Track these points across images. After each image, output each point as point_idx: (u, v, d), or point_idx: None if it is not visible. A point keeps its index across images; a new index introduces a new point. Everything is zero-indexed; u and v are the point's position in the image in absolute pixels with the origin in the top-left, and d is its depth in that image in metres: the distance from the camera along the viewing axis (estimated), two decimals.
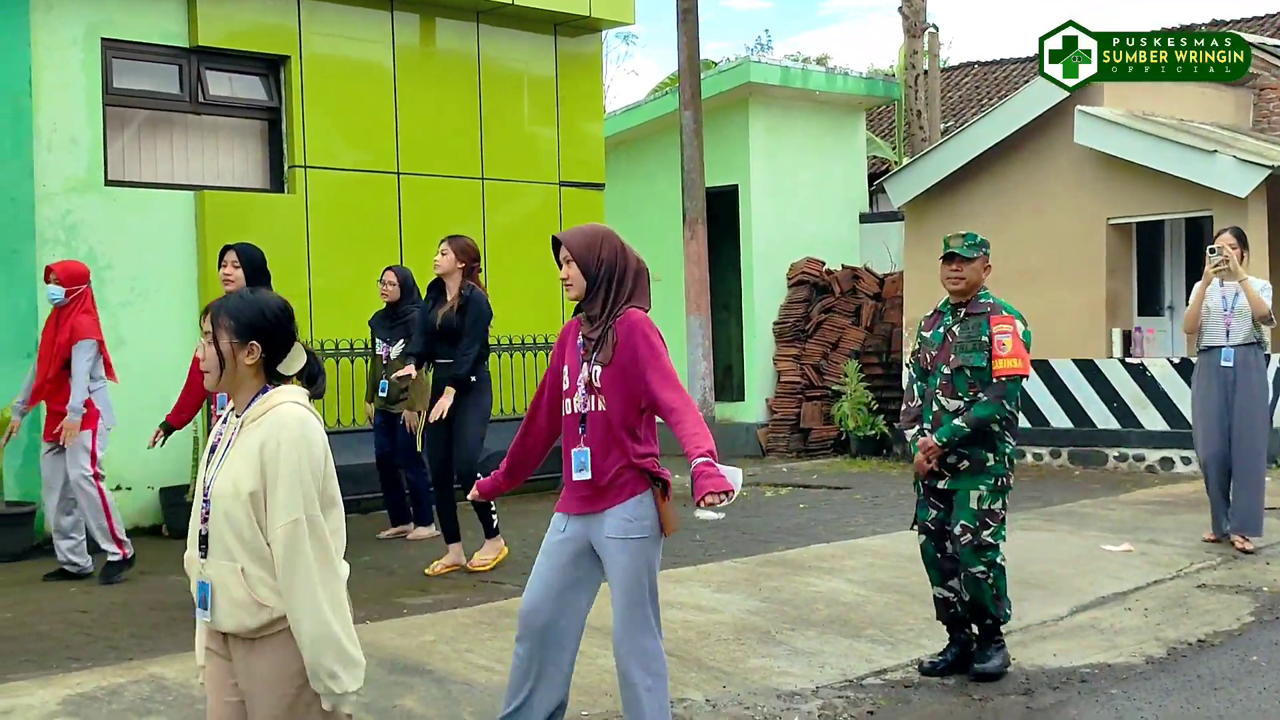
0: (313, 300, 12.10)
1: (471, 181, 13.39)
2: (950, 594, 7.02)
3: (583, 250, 5.25)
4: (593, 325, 5.28)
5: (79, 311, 9.07)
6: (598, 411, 5.22)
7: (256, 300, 3.93)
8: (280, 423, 3.78)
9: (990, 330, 6.82)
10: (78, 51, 11.04)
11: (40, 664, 6.74)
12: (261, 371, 3.90)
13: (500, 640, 7.17)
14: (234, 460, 3.81)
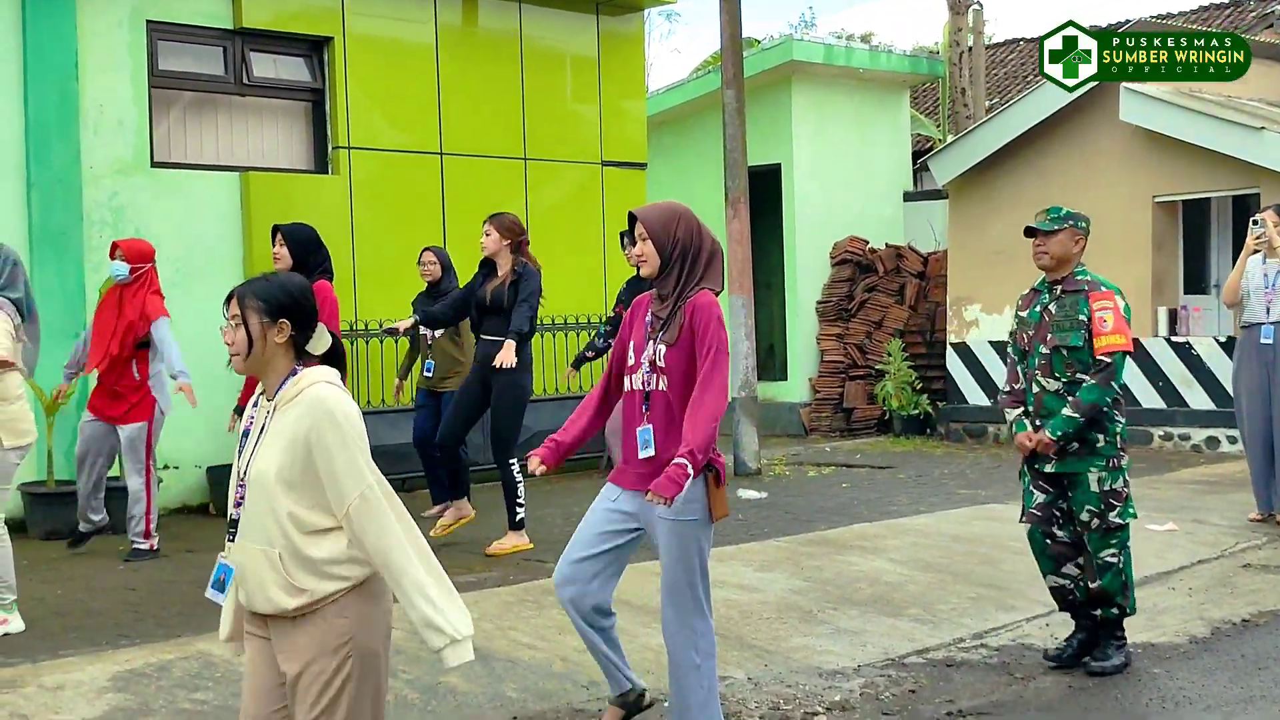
0: (357, 280, 12.17)
1: (514, 161, 13.42)
2: (1065, 581, 6.81)
3: (659, 228, 5.27)
4: (663, 304, 5.32)
5: (149, 292, 9.13)
6: (660, 391, 5.26)
7: (280, 281, 3.98)
8: (319, 404, 3.81)
9: (1090, 308, 6.65)
10: (123, 34, 11.13)
11: (91, 641, 6.83)
12: (291, 351, 3.94)
13: (543, 618, 7.23)
14: (270, 444, 3.84)
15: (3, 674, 6.10)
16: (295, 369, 3.93)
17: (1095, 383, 6.58)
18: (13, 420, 7.07)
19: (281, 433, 3.83)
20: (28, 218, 10.54)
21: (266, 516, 3.82)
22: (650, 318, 5.34)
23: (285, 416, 3.85)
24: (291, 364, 3.94)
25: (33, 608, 7.50)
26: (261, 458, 3.86)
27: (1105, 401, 6.62)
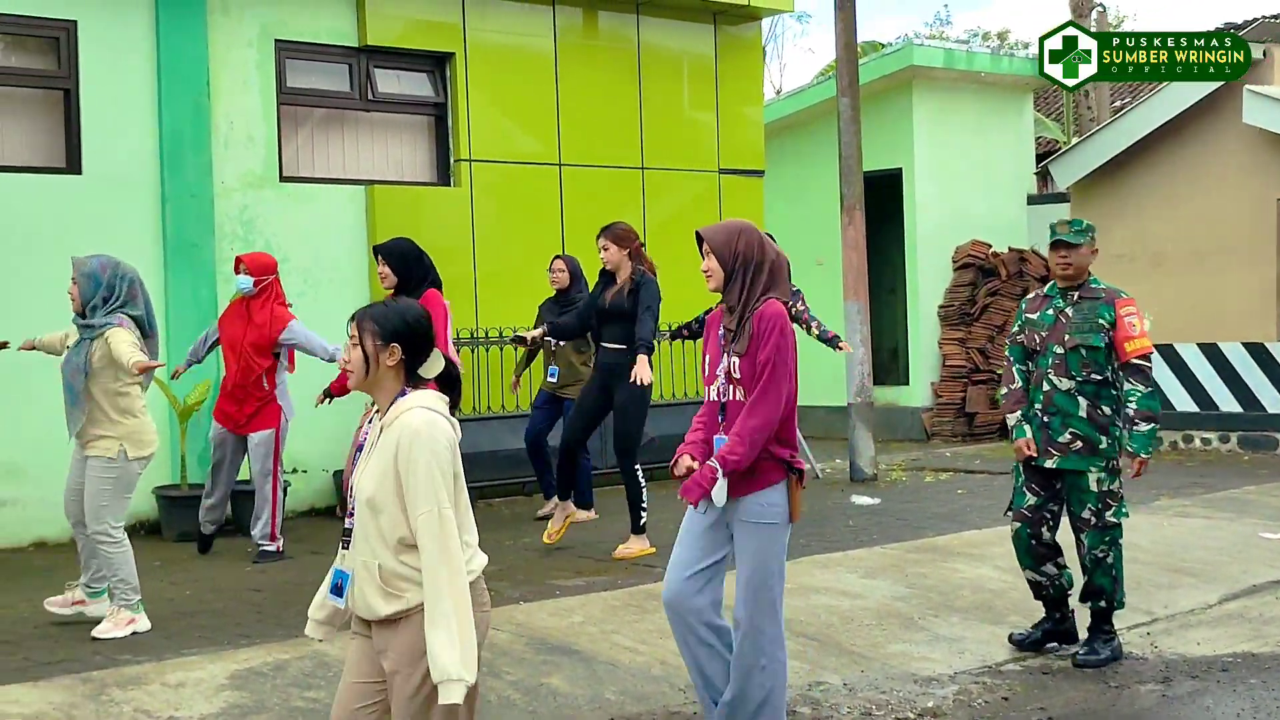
0: (478, 289, 12.47)
1: (631, 171, 13.64)
2: (1043, 579, 7.22)
3: (721, 244, 5.50)
4: (731, 316, 5.51)
5: (275, 303, 9.49)
6: (736, 401, 5.44)
7: (398, 308, 4.23)
8: (409, 426, 4.06)
9: (1117, 313, 7.02)
10: (253, 52, 11.54)
11: (213, 639, 7.15)
12: (401, 374, 4.18)
13: (646, 623, 7.41)
14: (373, 462, 4.12)
15: (130, 671, 6.43)
16: (404, 391, 4.18)
17: (1147, 390, 6.95)
18: (137, 433, 7.41)
19: (382, 452, 4.10)
20: (162, 231, 10.97)
21: (369, 529, 4.11)
22: (723, 330, 5.55)
23: (387, 437, 4.11)
24: (400, 386, 4.19)
25: (161, 608, 7.86)
26: (365, 474, 4.13)
27: (1158, 405, 7.05)
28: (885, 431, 17.00)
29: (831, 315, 14.72)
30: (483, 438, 11.89)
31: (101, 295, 7.37)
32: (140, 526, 10.69)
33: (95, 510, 7.33)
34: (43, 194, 10.51)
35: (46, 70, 10.73)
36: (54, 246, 10.04)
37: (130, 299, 7.44)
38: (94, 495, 7.34)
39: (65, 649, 7.03)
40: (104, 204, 10.72)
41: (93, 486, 7.34)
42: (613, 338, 9.25)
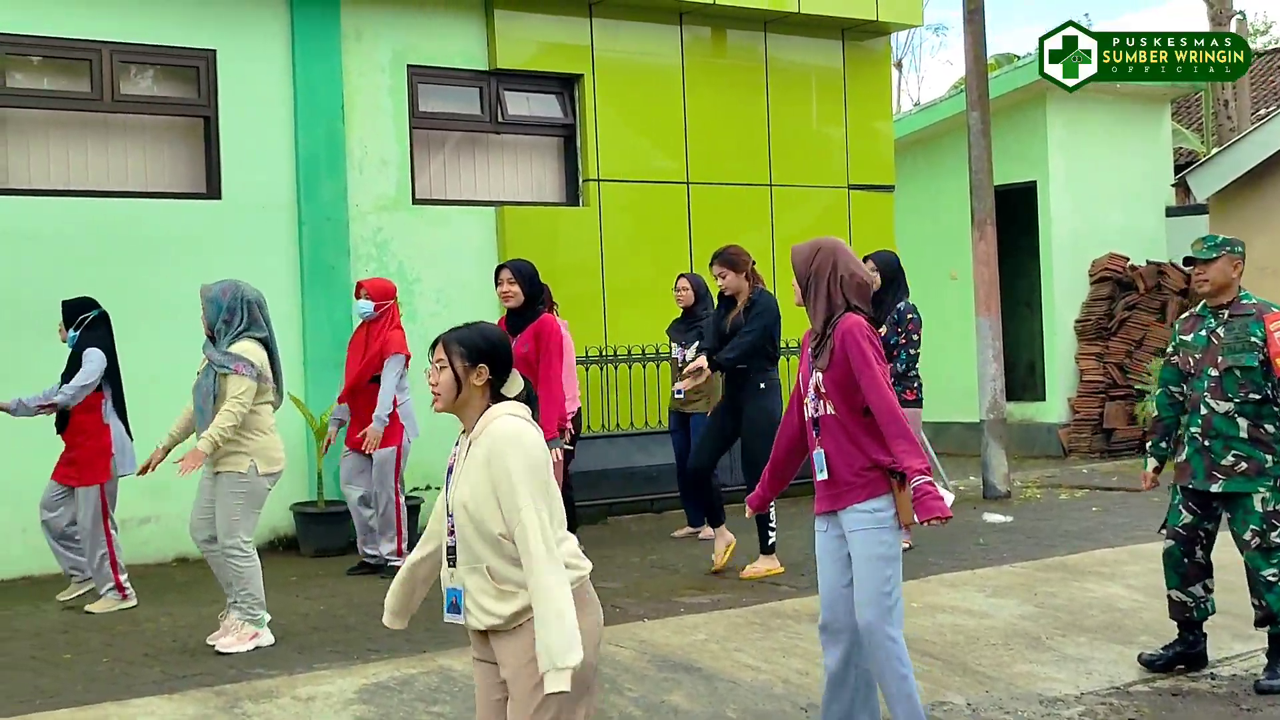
0: (606, 307, 12.59)
1: (759, 188, 13.67)
2: (1188, 598, 7.08)
3: (800, 262, 5.63)
4: (815, 333, 5.56)
5: (390, 327, 9.73)
6: (828, 415, 5.53)
7: (481, 329, 4.37)
8: (500, 433, 4.20)
9: (1266, 329, 6.84)
10: (385, 77, 11.78)
11: (343, 654, 7.30)
12: (488, 393, 4.31)
13: (770, 641, 7.42)
14: (466, 475, 4.23)
15: (262, 685, 6.60)
16: (489, 407, 4.30)
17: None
18: (266, 449, 7.61)
19: (474, 464, 4.23)
20: (299, 254, 11.24)
21: (473, 540, 4.23)
22: (811, 347, 5.60)
23: (477, 448, 4.24)
24: (486, 404, 4.32)
25: (296, 622, 8.05)
26: (460, 488, 4.25)
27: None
28: (1021, 447, 16.80)
29: (964, 330, 14.62)
30: (611, 455, 12.00)
31: (224, 319, 7.58)
32: (278, 542, 10.96)
33: (228, 525, 7.54)
34: (185, 219, 10.83)
35: (187, 98, 11.06)
36: (195, 270, 10.31)
37: (253, 322, 7.64)
38: (226, 510, 7.54)
39: (201, 662, 7.23)
40: (243, 228, 11.02)
41: (225, 502, 7.55)
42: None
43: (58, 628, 8.27)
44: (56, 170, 10.66)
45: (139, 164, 10.98)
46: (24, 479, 9.76)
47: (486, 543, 4.18)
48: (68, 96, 10.63)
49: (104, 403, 8.70)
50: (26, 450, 9.76)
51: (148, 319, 10.29)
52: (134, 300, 10.31)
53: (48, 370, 8.93)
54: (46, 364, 9.03)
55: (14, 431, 9.79)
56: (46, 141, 10.63)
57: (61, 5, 10.43)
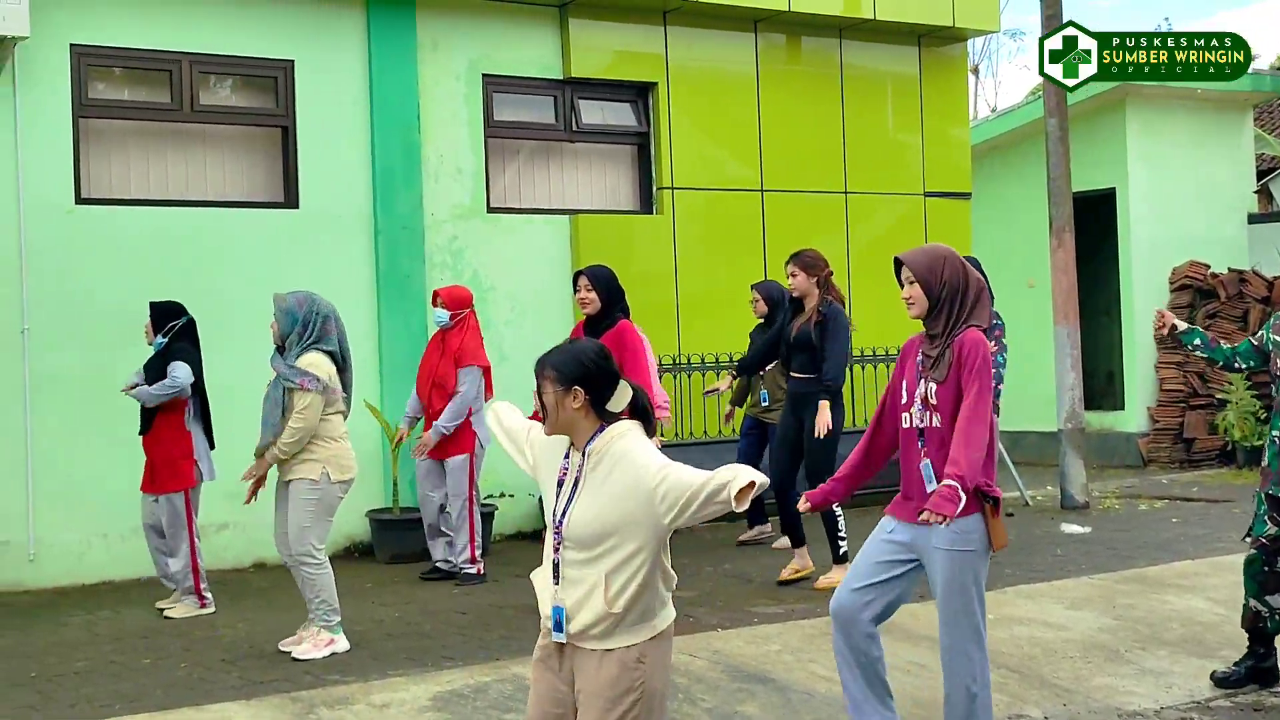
0: (680, 315, 12.58)
1: (834, 195, 13.61)
2: (1263, 608, 6.96)
3: (926, 271, 5.47)
4: (932, 343, 5.49)
5: (466, 336, 9.77)
6: (934, 427, 5.43)
7: (573, 351, 4.32)
8: (623, 451, 4.19)
9: None
10: (461, 87, 11.85)
11: (418, 661, 7.33)
12: (591, 412, 4.26)
13: None
14: (594, 499, 4.19)
15: (337, 691, 6.64)
16: (602, 426, 4.27)
17: None
18: (338, 457, 7.67)
19: (601, 489, 4.19)
20: (375, 263, 11.31)
21: (584, 559, 4.21)
22: (921, 357, 5.52)
23: (595, 470, 4.22)
24: (596, 422, 4.28)
25: (370, 629, 8.10)
26: (582, 506, 4.22)
27: None
28: (1100, 457, 16.61)
29: (1042, 338, 14.48)
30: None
31: (297, 331, 7.65)
32: (354, 549, 11.03)
33: (298, 532, 7.59)
34: (262, 228, 10.94)
35: (266, 108, 11.16)
36: (273, 279, 10.41)
37: (324, 334, 7.70)
38: (297, 517, 7.60)
39: (279, 668, 7.29)
40: (320, 237, 11.11)
41: (296, 509, 7.61)
42: (800, 367, 9.26)
43: (137, 633, 8.37)
44: (137, 180, 10.80)
45: (218, 173, 11.10)
46: (104, 486, 9.91)
47: (599, 562, 4.17)
48: (148, 107, 10.77)
49: (186, 410, 8.80)
50: (106, 457, 9.90)
51: (225, 327, 10.39)
52: (212, 308, 10.41)
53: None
54: (128, 370, 9.14)
55: (93, 438, 9.94)
56: (127, 151, 10.77)
57: (142, 17, 10.56)
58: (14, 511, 9.85)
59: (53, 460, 10.03)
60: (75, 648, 7.96)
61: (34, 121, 10.12)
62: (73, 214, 10.24)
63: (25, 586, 9.90)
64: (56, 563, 10.06)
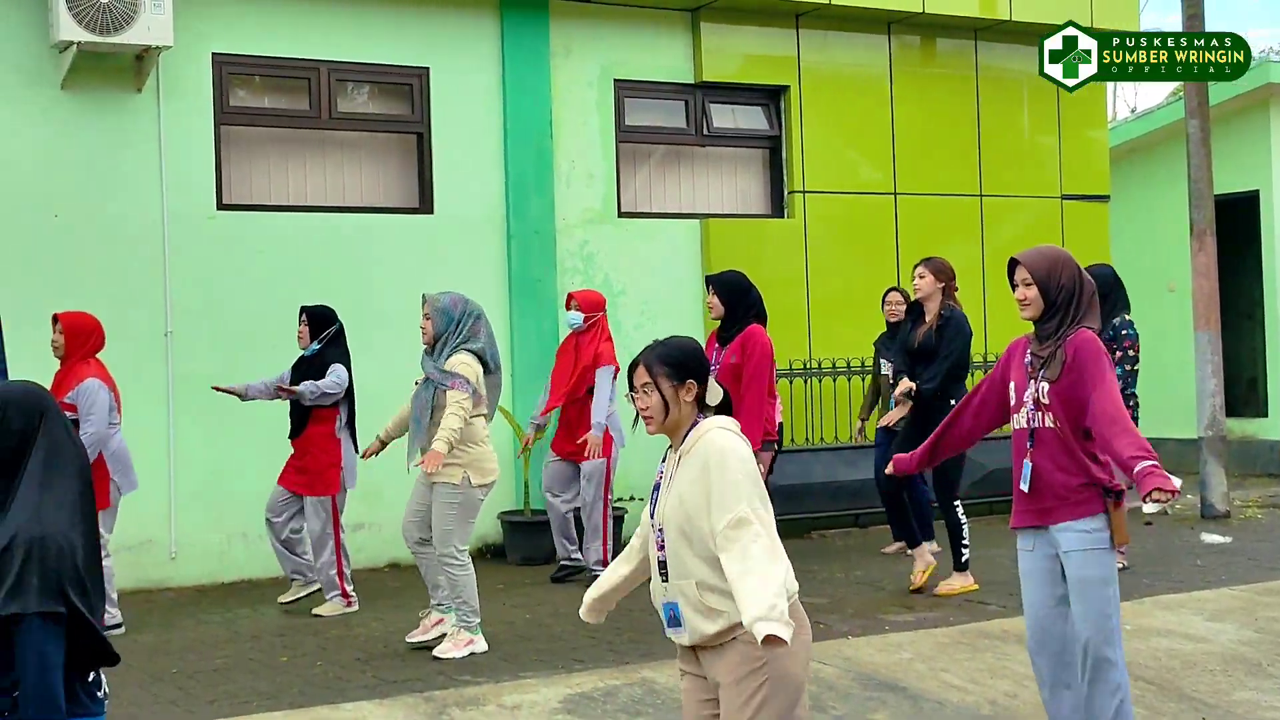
0: (811, 320, 12.52)
1: (969, 199, 13.46)
2: None
3: (1044, 274, 5.42)
4: (1043, 344, 5.46)
5: (601, 339, 9.84)
6: (1046, 428, 5.40)
7: (678, 344, 4.35)
8: (714, 444, 4.17)
9: None
10: (592, 92, 11.91)
11: (548, 663, 7.38)
12: (695, 406, 4.29)
13: (977, 661, 7.29)
14: (678, 487, 4.21)
15: (469, 692, 6.71)
16: (697, 421, 4.28)
17: None
18: (479, 461, 7.74)
19: (684, 477, 4.21)
20: (507, 267, 11.41)
21: (683, 555, 4.21)
22: (1030, 358, 5.48)
23: (688, 462, 4.22)
24: (695, 417, 4.30)
25: (502, 630, 8.17)
26: (670, 503, 4.24)
27: None
28: (1242, 465, 16.20)
29: (1182, 343, 14.18)
30: (815, 469, 11.93)
31: (451, 330, 7.75)
32: (486, 550, 11.13)
33: (442, 534, 7.68)
34: (398, 233, 11.09)
35: (401, 115, 11.32)
36: (408, 284, 10.57)
37: (473, 335, 7.79)
38: (441, 520, 7.69)
39: (412, 668, 7.38)
40: (454, 242, 11.24)
41: (440, 512, 7.69)
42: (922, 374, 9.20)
43: (275, 630, 8.53)
44: (276, 186, 11.00)
45: (354, 179, 11.28)
46: (243, 486, 10.10)
47: (698, 558, 4.16)
48: (287, 114, 10.98)
49: (338, 418, 8.95)
50: (245, 458, 10.10)
51: (362, 331, 10.53)
52: (349, 313, 10.54)
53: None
54: (267, 373, 9.30)
55: (234, 440, 10.14)
56: (266, 158, 10.98)
57: (282, 27, 10.77)
58: (156, 511, 10.08)
59: (194, 461, 10.26)
60: (215, 645, 8.14)
61: (177, 129, 10.36)
62: (214, 220, 10.47)
63: (167, 585, 10.14)
64: (197, 562, 10.29)
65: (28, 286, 9.68)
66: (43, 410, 3.75)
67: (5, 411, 3.70)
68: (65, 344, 8.32)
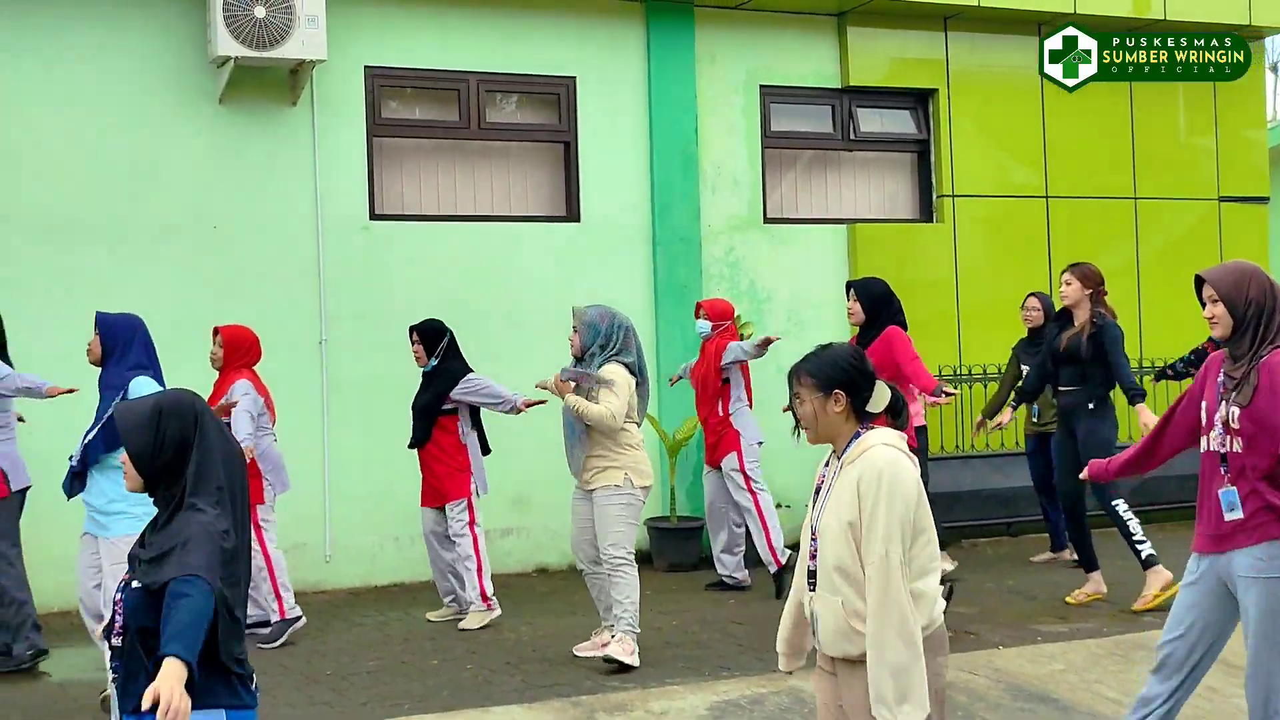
0: (960, 325, 12.38)
1: (1123, 201, 13.20)
2: None
3: (1230, 289, 5.22)
4: (1235, 364, 5.25)
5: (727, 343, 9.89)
6: (1235, 453, 5.19)
7: (830, 355, 4.31)
8: (873, 464, 4.12)
9: None
10: (738, 98, 11.91)
11: (695, 670, 7.40)
12: (851, 415, 4.24)
13: (1132, 673, 7.16)
14: (835, 498, 4.19)
15: (616, 697, 6.75)
16: (859, 431, 4.25)
17: None
18: (637, 463, 7.78)
19: (844, 490, 4.18)
20: (653, 274, 11.45)
21: (833, 568, 4.18)
22: (1223, 378, 5.27)
23: (848, 475, 4.19)
24: (854, 427, 4.27)
25: (649, 637, 8.18)
26: (828, 512, 4.21)
27: None
28: None
29: None
30: (965, 477, 11.78)
31: (599, 343, 7.80)
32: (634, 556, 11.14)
33: (610, 536, 7.71)
34: (545, 241, 11.19)
35: (549, 124, 11.42)
36: (556, 291, 10.69)
37: (624, 347, 7.84)
38: (606, 523, 7.72)
39: (560, 673, 7.44)
40: (600, 249, 11.31)
41: (604, 515, 7.72)
42: (1069, 380, 9.08)
43: (426, 634, 8.66)
44: (426, 195, 11.17)
45: (502, 188, 11.41)
46: (396, 491, 10.24)
47: (844, 573, 4.14)
48: (438, 125, 11.14)
49: (460, 423, 9.03)
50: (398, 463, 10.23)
51: (509, 338, 10.69)
52: (497, 320, 10.75)
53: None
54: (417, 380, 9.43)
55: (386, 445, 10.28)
56: (417, 168, 11.16)
57: (432, 39, 10.93)
58: (312, 515, 10.29)
59: (348, 466, 10.46)
60: (368, 647, 8.28)
61: (331, 141, 10.57)
62: (367, 230, 10.66)
63: (322, 587, 10.34)
64: (351, 565, 10.48)
65: (188, 297, 9.96)
66: (197, 414, 3.82)
67: (161, 419, 3.77)
68: (223, 356, 8.55)
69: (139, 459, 3.77)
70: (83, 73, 9.93)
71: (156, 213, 10.07)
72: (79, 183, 9.90)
